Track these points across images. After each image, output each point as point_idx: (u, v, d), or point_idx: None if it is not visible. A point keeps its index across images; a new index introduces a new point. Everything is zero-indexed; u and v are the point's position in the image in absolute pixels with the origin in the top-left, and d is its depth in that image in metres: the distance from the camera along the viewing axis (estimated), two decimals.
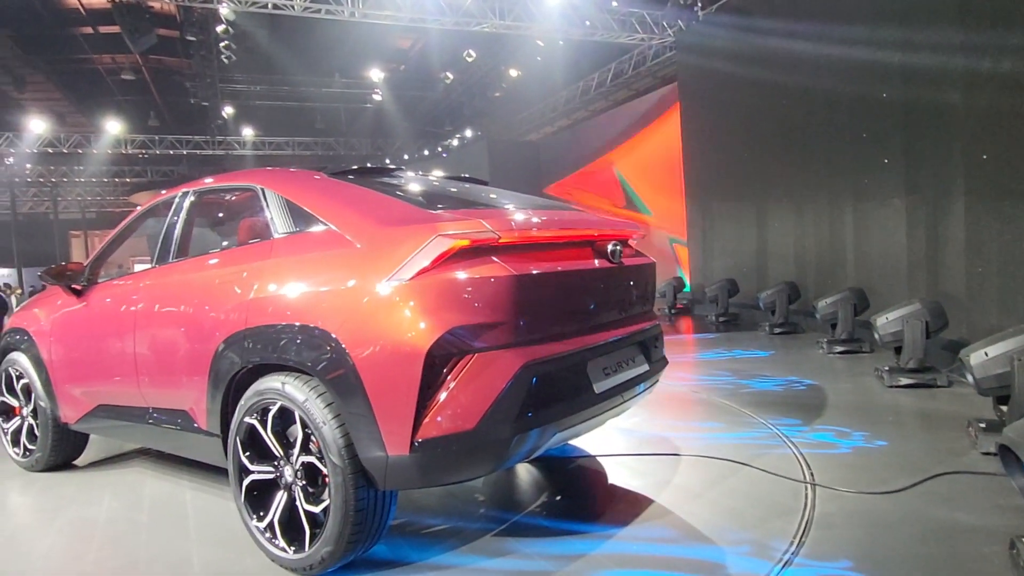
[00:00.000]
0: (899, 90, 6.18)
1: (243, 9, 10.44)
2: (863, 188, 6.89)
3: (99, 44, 15.51)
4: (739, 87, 9.19)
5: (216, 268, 2.79)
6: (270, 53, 15.73)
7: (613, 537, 2.51)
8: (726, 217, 10.02)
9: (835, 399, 4.50)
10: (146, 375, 3.03)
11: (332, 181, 2.75)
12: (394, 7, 10.43)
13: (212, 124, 19.08)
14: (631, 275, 2.77)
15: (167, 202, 3.29)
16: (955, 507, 2.61)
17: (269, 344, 2.39)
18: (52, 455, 3.72)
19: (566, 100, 16.11)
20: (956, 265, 5.53)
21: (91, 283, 3.50)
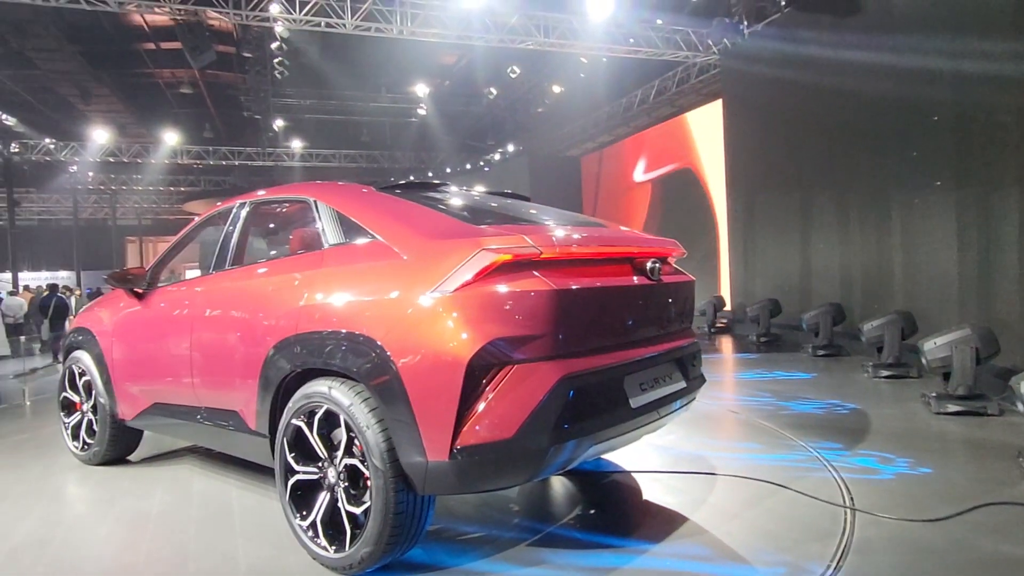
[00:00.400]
0: (951, 109, 6.04)
1: (297, 27, 10.84)
2: (913, 208, 6.74)
3: (161, 59, 16.29)
4: (784, 104, 9.10)
5: (270, 276, 2.93)
6: (320, 69, 16.25)
7: (646, 553, 2.52)
8: (769, 235, 9.88)
9: (879, 424, 4.39)
10: (200, 376, 3.18)
11: (380, 195, 2.86)
12: (441, 25, 10.68)
13: (263, 136, 19.75)
14: (670, 292, 2.80)
15: (224, 212, 3.46)
16: (1001, 538, 2.54)
17: (317, 349, 2.50)
18: (109, 450, 3.91)
19: (608, 116, 16.14)
20: (1009, 290, 5.36)
21: (152, 287, 3.70)
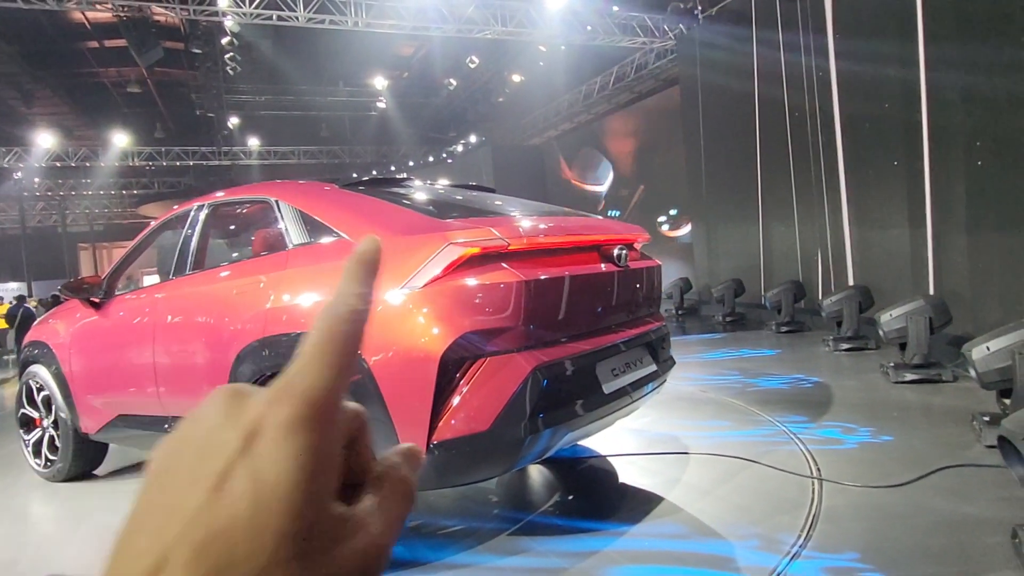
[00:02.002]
0: (900, 96, 6.22)
1: (248, 21, 10.57)
2: (865, 187, 6.93)
3: (105, 58, 15.72)
4: (739, 88, 9.24)
5: (233, 279, 2.87)
6: (274, 63, 15.89)
7: (625, 534, 2.57)
8: (730, 218, 10.06)
9: (841, 396, 4.54)
10: (165, 385, 3.10)
11: (344, 192, 2.83)
12: (397, 16, 10.54)
13: (218, 135, 19.26)
14: (637, 278, 2.84)
15: (182, 216, 3.37)
16: (960, 499, 2.66)
17: (286, 352, 2.47)
18: (73, 465, 3.80)
19: (569, 104, 16.18)
20: (958, 262, 5.57)
21: (109, 296, 3.59)
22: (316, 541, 0.23)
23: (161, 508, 0.23)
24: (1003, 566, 2.09)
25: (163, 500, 0.23)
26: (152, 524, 0.23)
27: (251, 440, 0.23)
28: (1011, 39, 4.77)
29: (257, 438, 0.23)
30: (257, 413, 0.24)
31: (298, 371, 0.25)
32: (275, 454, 0.23)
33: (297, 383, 0.24)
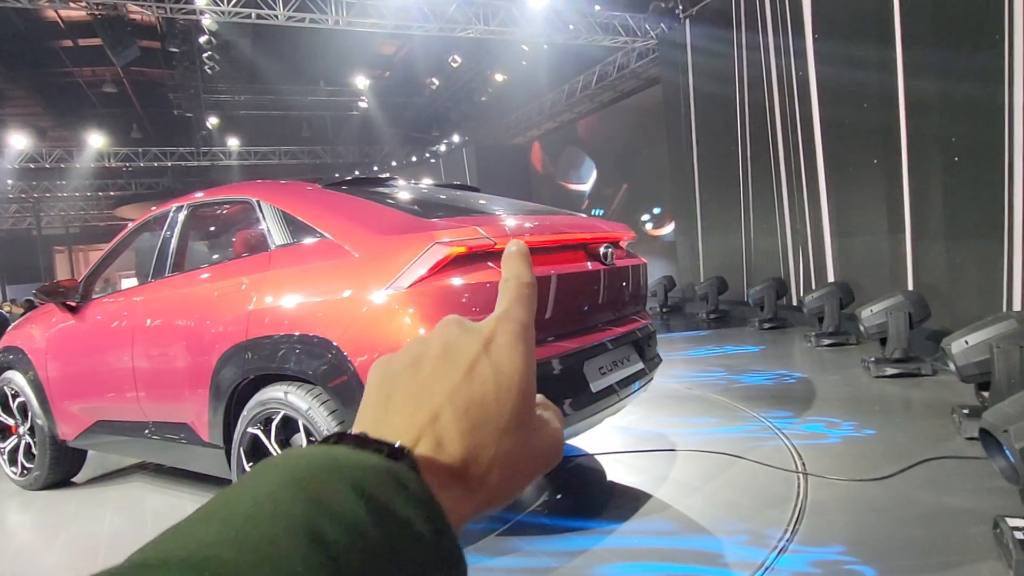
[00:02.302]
0: (878, 96, 6.31)
1: (226, 19, 10.44)
2: (845, 184, 7.02)
3: (79, 57, 15.44)
4: (721, 87, 9.31)
5: (214, 281, 2.83)
6: (254, 62, 15.72)
7: (614, 532, 2.57)
8: (713, 216, 10.14)
9: (824, 391, 4.59)
10: (145, 390, 3.05)
11: (327, 192, 2.80)
12: (378, 14, 10.47)
13: (197, 135, 19.00)
14: (623, 276, 2.84)
15: (160, 217, 3.32)
16: (941, 491, 2.70)
17: (270, 354, 2.43)
18: (51, 473, 3.72)
19: (552, 103, 16.20)
20: (936, 257, 5.66)
21: (86, 299, 3.52)
22: (531, 420, 0.33)
23: (423, 386, 0.32)
24: (985, 556, 2.12)
25: (423, 381, 0.32)
26: (420, 395, 0.32)
27: (488, 344, 0.33)
28: (984, 43, 4.85)
29: (492, 343, 0.33)
30: (489, 328, 0.34)
31: (509, 308, 0.36)
32: (508, 352, 0.33)
33: (512, 314, 0.35)
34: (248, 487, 0.25)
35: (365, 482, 0.25)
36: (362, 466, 0.26)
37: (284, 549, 0.22)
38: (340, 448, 0.28)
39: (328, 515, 0.23)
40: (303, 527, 0.23)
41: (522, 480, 0.33)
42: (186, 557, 0.22)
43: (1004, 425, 2.09)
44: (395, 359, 0.35)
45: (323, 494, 0.24)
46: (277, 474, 0.25)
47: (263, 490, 0.25)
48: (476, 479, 0.30)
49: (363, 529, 0.24)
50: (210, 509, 0.25)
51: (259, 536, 0.22)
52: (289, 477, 0.25)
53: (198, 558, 0.22)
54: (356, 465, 0.26)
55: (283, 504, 0.24)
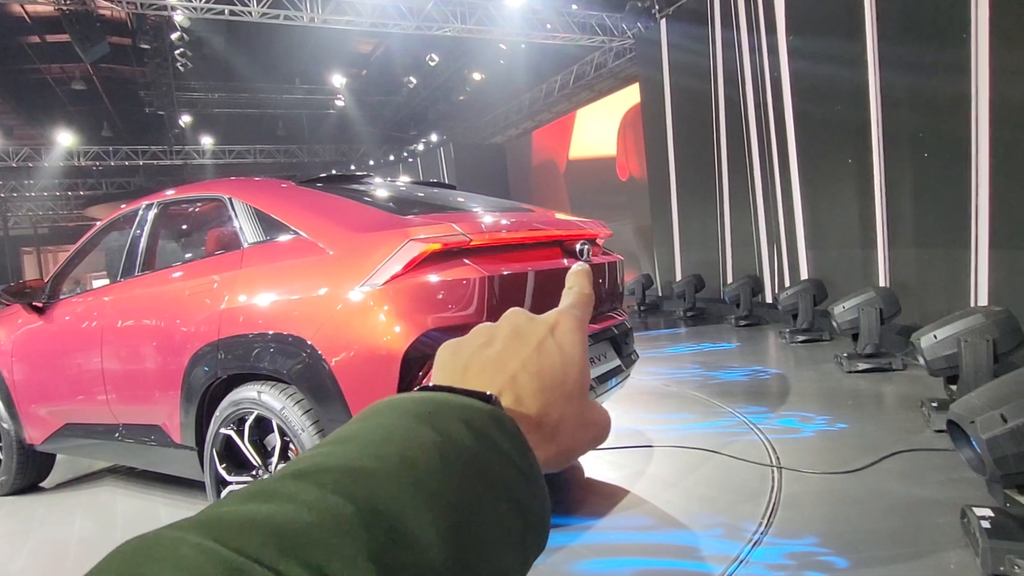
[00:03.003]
0: (849, 86, 6.42)
1: (198, 16, 10.27)
2: (818, 184, 7.13)
3: (47, 53, 15.07)
4: (697, 86, 9.40)
5: (185, 280, 2.78)
6: (228, 60, 15.48)
7: (592, 528, 2.58)
8: (690, 214, 10.23)
9: (798, 386, 4.65)
10: (115, 392, 2.99)
11: (301, 189, 2.76)
12: (354, 12, 10.38)
13: (169, 133, 18.66)
14: (600, 273, 2.85)
15: (129, 215, 3.25)
16: (911, 482, 2.75)
17: (243, 354, 2.40)
18: (18, 478, 3.64)
19: (530, 102, 16.21)
20: (906, 254, 5.77)
21: (53, 300, 3.44)
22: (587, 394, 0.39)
23: (498, 358, 0.38)
24: (953, 545, 2.17)
25: (497, 355, 0.38)
26: (496, 363, 0.38)
27: (553, 328, 0.40)
28: (952, 41, 4.96)
29: (557, 328, 0.40)
30: (554, 317, 0.41)
31: (571, 306, 0.42)
32: (570, 336, 0.40)
33: (574, 311, 0.42)
34: (373, 421, 0.31)
35: (472, 418, 0.31)
36: (469, 406, 0.32)
37: (418, 462, 0.28)
38: (445, 394, 0.33)
39: (448, 440, 0.30)
40: (431, 447, 0.29)
41: (582, 442, 0.39)
42: (339, 466, 0.27)
43: (970, 416, 2.14)
44: (465, 341, 0.40)
45: (441, 425, 0.30)
46: (399, 411, 0.31)
47: (389, 421, 0.30)
48: (549, 430, 0.36)
49: (473, 452, 0.30)
50: (342, 436, 0.30)
51: (395, 453, 0.28)
52: (412, 412, 0.31)
53: (349, 467, 0.27)
54: (464, 405, 0.32)
55: (412, 431, 0.30)
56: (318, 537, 0.24)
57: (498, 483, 0.30)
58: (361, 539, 0.25)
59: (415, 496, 0.27)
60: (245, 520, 0.24)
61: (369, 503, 0.26)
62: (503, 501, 0.30)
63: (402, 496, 0.27)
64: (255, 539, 0.24)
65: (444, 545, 0.26)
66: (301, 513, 0.25)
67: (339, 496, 0.26)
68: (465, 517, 0.28)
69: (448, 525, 0.27)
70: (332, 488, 0.26)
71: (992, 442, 2.04)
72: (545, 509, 0.32)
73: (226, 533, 0.24)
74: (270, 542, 0.23)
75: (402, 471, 0.27)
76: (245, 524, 0.24)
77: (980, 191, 4.82)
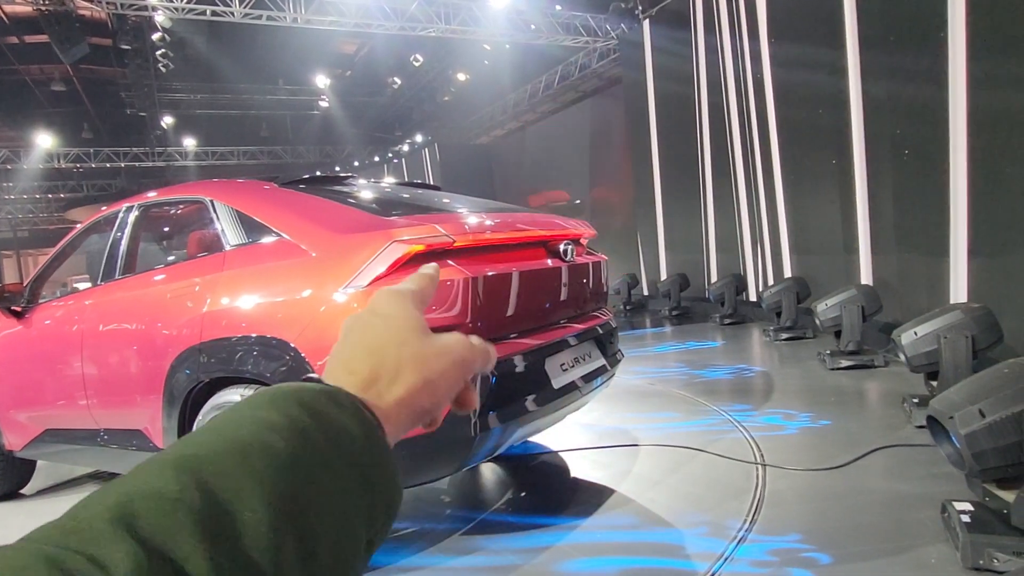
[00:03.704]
0: (830, 88, 6.49)
1: (180, 16, 10.17)
2: (801, 184, 7.20)
3: (26, 54, 14.84)
4: (681, 87, 9.46)
5: (167, 283, 2.75)
6: (210, 60, 15.35)
7: (578, 528, 2.59)
8: (674, 214, 10.29)
9: (781, 384, 4.70)
10: (96, 396, 2.95)
11: (283, 191, 2.74)
12: (338, 12, 10.33)
13: (151, 135, 18.45)
14: (584, 273, 2.86)
15: (110, 218, 3.21)
16: (893, 478, 2.79)
17: (226, 357, 2.38)
18: None
19: (515, 103, 16.22)
20: (887, 252, 5.85)
21: (32, 304, 3.39)
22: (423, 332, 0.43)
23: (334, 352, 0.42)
24: (934, 539, 2.20)
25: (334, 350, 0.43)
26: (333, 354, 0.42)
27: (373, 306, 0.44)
28: (929, 46, 5.03)
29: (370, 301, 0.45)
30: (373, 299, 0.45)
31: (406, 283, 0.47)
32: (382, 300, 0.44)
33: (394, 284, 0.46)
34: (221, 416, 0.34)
35: (306, 398, 0.34)
36: (303, 388, 0.35)
37: (247, 443, 0.31)
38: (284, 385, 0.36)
39: (284, 420, 0.32)
40: (264, 429, 0.32)
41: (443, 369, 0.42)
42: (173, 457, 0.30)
43: (950, 412, 2.17)
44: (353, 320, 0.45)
45: (279, 408, 0.33)
46: (243, 405, 0.34)
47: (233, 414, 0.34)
48: (388, 378, 0.40)
49: (305, 427, 0.33)
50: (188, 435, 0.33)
51: (228, 438, 0.31)
52: (254, 404, 0.34)
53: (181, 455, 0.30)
54: (300, 389, 0.35)
55: (248, 417, 0.33)
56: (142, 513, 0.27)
57: (334, 455, 0.32)
58: (183, 509, 0.27)
59: (241, 470, 0.29)
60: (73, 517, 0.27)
61: (193, 479, 0.28)
62: (343, 471, 0.32)
63: (227, 472, 0.29)
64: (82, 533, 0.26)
65: (275, 515, 0.29)
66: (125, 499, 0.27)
67: (165, 481, 0.28)
68: (295, 485, 0.30)
69: (278, 496, 0.29)
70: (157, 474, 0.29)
71: (970, 437, 2.07)
72: (391, 475, 0.35)
73: (52, 533, 0.27)
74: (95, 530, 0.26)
75: (230, 450, 0.30)
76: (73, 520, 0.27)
77: (957, 187, 4.89)
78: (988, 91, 4.51)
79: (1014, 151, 4.29)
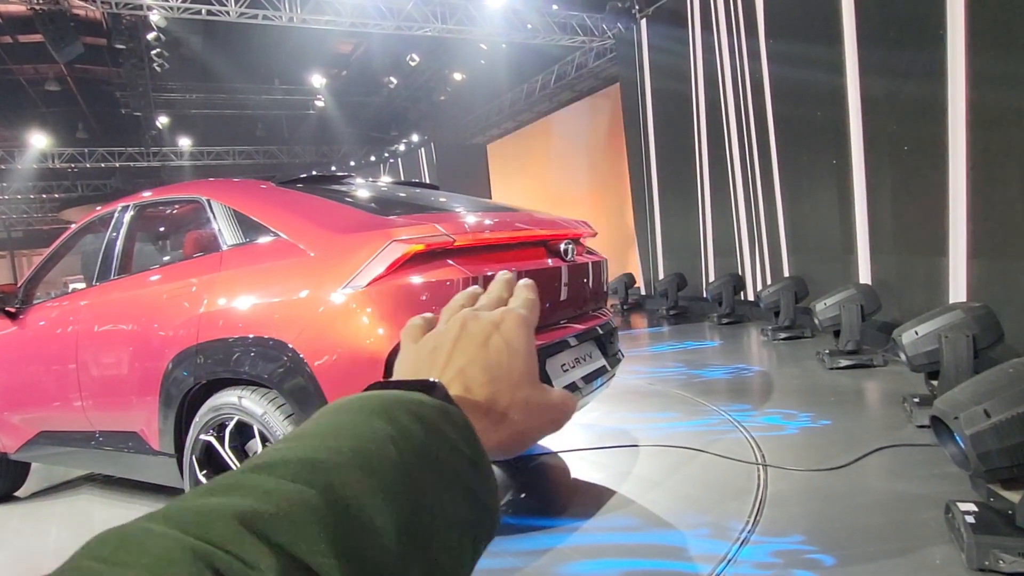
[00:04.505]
0: (831, 100, 6.48)
1: (175, 16, 10.11)
2: (799, 183, 7.19)
3: (20, 54, 14.75)
4: (678, 86, 9.45)
5: (163, 283, 2.72)
6: (205, 60, 15.28)
7: (578, 529, 2.56)
8: (671, 213, 10.28)
9: (781, 383, 4.68)
10: (91, 398, 2.92)
11: (281, 190, 2.72)
12: (333, 11, 10.28)
13: (146, 135, 18.35)
14: (584, 273, 2.84)
15: (105, 218, 3.18)
16: (895, 478, 2.77)
17: (223, 358, 2.35)
18: None
19: (511, 102, 16.19)
20: (886, 251, 5.84)
21: (26, 305, 3.35)
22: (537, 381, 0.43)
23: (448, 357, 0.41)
24: (937, 540, 2.18)
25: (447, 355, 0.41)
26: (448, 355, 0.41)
27: (498, 325, 0.43)
28: (928, 42, 5.02)
29: (502, 324, 0.43)
30: (498, 316, 0.44)
31: (518, 306, 0.45)
32: (514, 331, 0.43)
33: (518, 309, 0.45)
34: (327, 419, 0.33)
35: (422, 412, 0.34)
36: (418, 401, 0.35)
37: (371, 453, 0.30)
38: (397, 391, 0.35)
39: (399, 432, 0.32)
40: (383, 439, 0.31)
41: (539, 424, 0.42)
42: (295, 459, 0.29)
43: (954, 412, 2.16)
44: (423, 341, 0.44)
45: (393, 418, 0.32)
46: (352, 409, 0.33)
47: (343, 418, 0.33)
48: (497, 415, 0.40)
49: (423, 443, 0.32)
50: (297, 433, 0.32)
51: (348, 446, 0.30)
52: (366, 408, 0.33)
53: (306, 458, 0.29)
54: (413, 400, 0.35)
55: (364, 424, 0.32)
56: (280, 520, 0.26)
57: (447, 471, 0.32)
58: (321, 521, 0.27)
59: (368, 484, 0.29)
60: (208, 510, 0.26)
61: (326, 490, 0.28)
62: (453, 487, 0.32)
63: (356, 484, 0.29)
64: (217, 527, 0.25)
65: (397, 529, 0.28)
66: (260, 501, 0.27)
67: (298, 484, 0.28)
68: (416, 503, 0.30)
69: (400, 510, 0.29)
70: (291, 478, 0.28)
71: (976, 437, 2.06)
72: (493, 494, 0.35)
73: (189, 523, 0.25)
74: (230, 529, 0.25)
75: (355, 461, 0.29)
76: (208, 514, 0.26)
77: (957, 184, 4.89)
78: (987, 88, 4.51)
79: (1014, 148, 4.29)
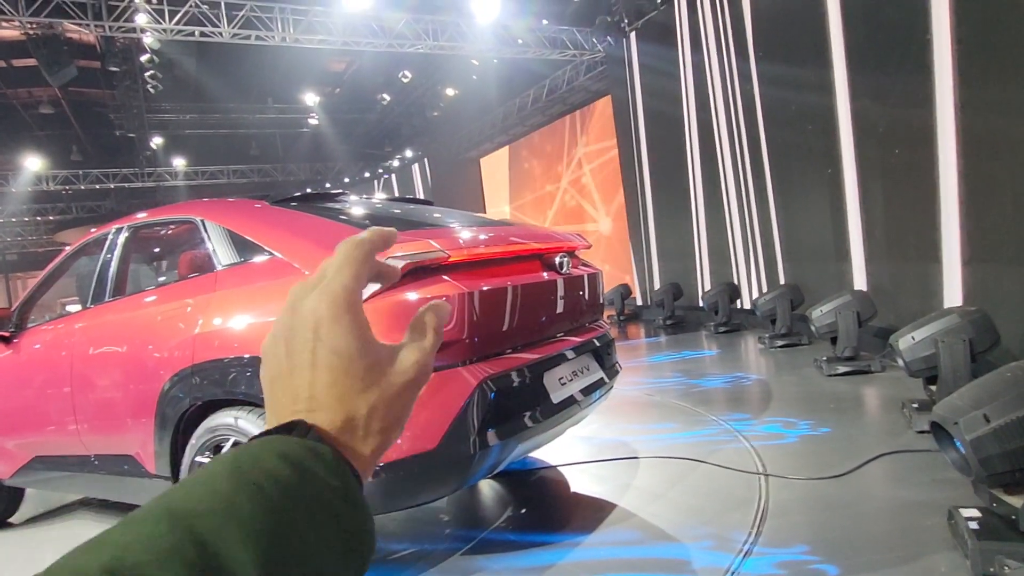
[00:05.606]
0: (823, 114, 6.54)
1: (168, 38, 10.17)
2: (792, 194, 7.23)
3: (14, 78, 14.80)
4: (669, 99, 9.52)
5: (157, 305, 2.71)
6: (199, 80, 15.35)
7: (580, 545, 2.54)
8: (666, 224, 10.31)
9: (779, 391, 4.68)
10: (86, 422, 2.89)
11: (275, 209, 2.72)
12: (326, 31, 10.36)
13: (140, 156, 18.37)
14: (579, 285, 2.84)
15: (99, 239, 3.17)
16: (896, 485, 2.76)
17: (219, 379, 2.34)
18: None
19: (504, 117, 16.27)
20: (880, 257, 5.87)
21: (20, 329, 3.33)
22: (381, 365, 0.40)
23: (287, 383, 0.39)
24: (941, 547, 2.17)
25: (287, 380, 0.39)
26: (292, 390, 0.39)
27: (317, 330, 0.39)
28: (915, 51, 5.08)
29: (320, 327, 0.39)
30: (312, 310, 0.39)
31: (332, 278, 0.40)
32: (335, 330, 0.39)
33: (332, 285, 0.40)
34: (203, 470, 0.34)
35: (289, 452, 0.34)
36: (286, 442, 0.35)
37: (234, 497, 0.31)
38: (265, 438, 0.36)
39: (263, 473, 0.33)
40: (248, 482, 0.32)
41: (401, 411, 0.41)
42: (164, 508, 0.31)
43: (954, 417, 2.15)
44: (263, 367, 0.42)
45: (262, 463, 0.33)
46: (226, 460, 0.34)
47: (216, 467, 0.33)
48: (362, 430, 0.39)
49: (288, 481, 0.33)
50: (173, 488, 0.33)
51: (214, 491, 0.31)
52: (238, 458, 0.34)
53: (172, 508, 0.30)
54: (280, 441, 0.35)
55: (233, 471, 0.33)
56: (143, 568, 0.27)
57: (315, 507, 0.33)
58: (182, 562, 0.28)
59: (229, 526, 0.30)
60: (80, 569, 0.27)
61: (186, 536, 0.29)
62: (323, 523, 0.33)
63: (217, 528, 0.30)
64: None
65: (260, 568, 0.30)
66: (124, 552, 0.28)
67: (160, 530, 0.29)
68: (281, 541, 0.31)
69: (263, 550, 0.30)
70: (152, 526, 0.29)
71: (976, 442, 2.05)
72: (367, 527, 0.36)
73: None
74: None
75: (217, 507, 0.31)
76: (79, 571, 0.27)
77: (948, 188, 4.92)
78: (976, 89, 4.55)
79: (1004, 154, 4.32)
